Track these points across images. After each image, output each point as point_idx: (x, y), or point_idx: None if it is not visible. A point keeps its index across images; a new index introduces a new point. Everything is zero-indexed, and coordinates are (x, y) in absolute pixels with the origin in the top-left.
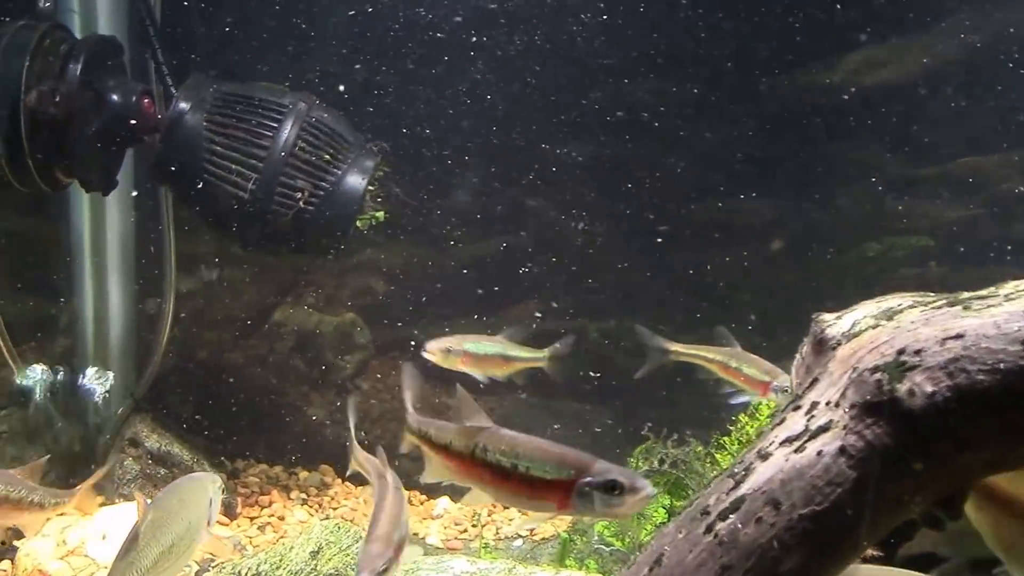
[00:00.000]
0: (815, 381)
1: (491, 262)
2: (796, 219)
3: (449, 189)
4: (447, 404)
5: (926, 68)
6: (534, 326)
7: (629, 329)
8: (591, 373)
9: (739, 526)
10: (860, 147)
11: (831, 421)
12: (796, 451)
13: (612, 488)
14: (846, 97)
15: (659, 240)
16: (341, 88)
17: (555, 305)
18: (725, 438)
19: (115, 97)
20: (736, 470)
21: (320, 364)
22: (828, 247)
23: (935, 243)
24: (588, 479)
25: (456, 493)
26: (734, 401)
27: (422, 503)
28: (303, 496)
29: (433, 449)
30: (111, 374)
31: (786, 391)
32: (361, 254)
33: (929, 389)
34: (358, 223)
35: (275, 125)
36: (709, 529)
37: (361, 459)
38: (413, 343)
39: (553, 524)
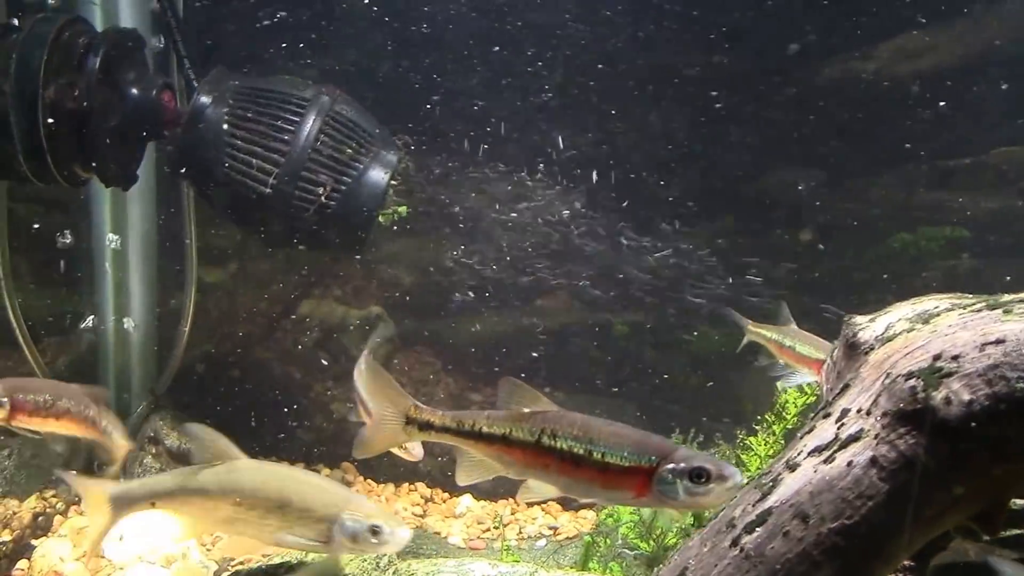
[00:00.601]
0: (846, 387)
1: (519, 255)
2: (827, 209)
3: (477, 181)
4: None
5: (962, 57)
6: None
7: (656, 323)
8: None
9: (766, 540)
10: (893, 136)
11: (862, 430)
12: (825, 461)
13: (698, 476)
14: (880, 85)
15: (688, 232)
16: (368, 80)
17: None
18: (751, 438)
19: (135, 91)
20: (763, 481)
21: (345, 358)
22: (860, 237)
23: (969, 235)
24: (671, 465)
25: (480, 491)
26: (788, 383)
27: (444, 501)
28: None
29: (483, 443)
30: None
31: None
32: (389, 246)
33: (966, 397)
34: (381, 218)
35: (297, 119)
36: (735, 543)
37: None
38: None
39: (577, 524)
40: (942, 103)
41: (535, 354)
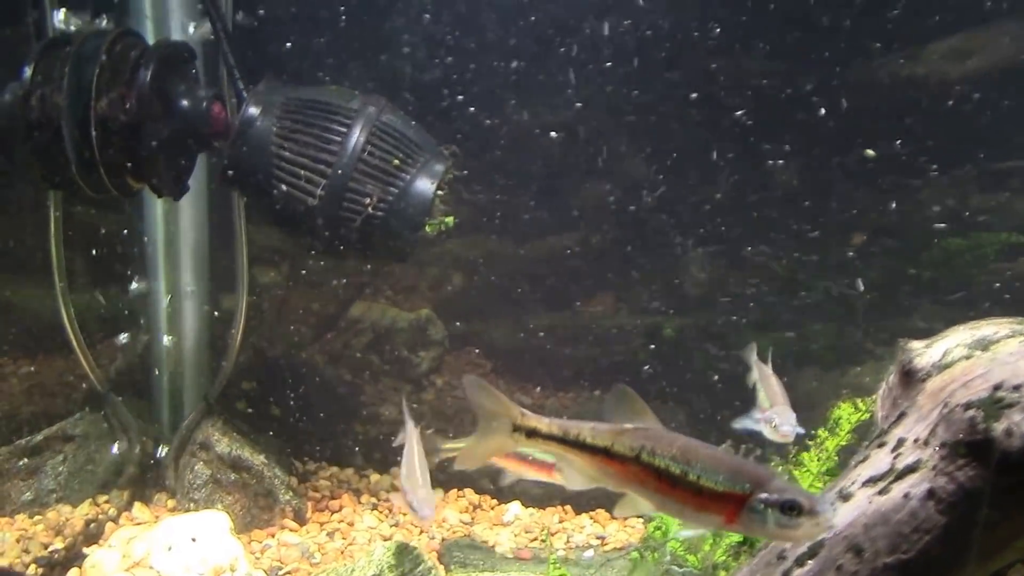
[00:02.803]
0: (902, 415)
1: (569, 256)
2: (878, 214)
3: (527, 182)
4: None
5: (1013, 58)
6: None
7: (705, 326)
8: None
9: (818, 574)
10: (945, 139)
11: (919, 461)
12: (880, 492)
13: (790, 508)
14: (930, 87)
15: (738, 236)
16: (413, 89)
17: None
18: (804, 454)
19: (185, 103)
20: None
21: (395, 360)
22: (912, 242)
23: None
24: (764, 495)
25: (529, 498)
26: (737, 425)
27: (492, 508)
28: (373, 500)
29: (587, 453)
30: None
31: (772, 424)
32: (440, 246)
33: None
34: (427, 228)
35: (344, 130)
36: None
37: None
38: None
39: (625, 533)
40: (988, 106)
41: (584, 356)
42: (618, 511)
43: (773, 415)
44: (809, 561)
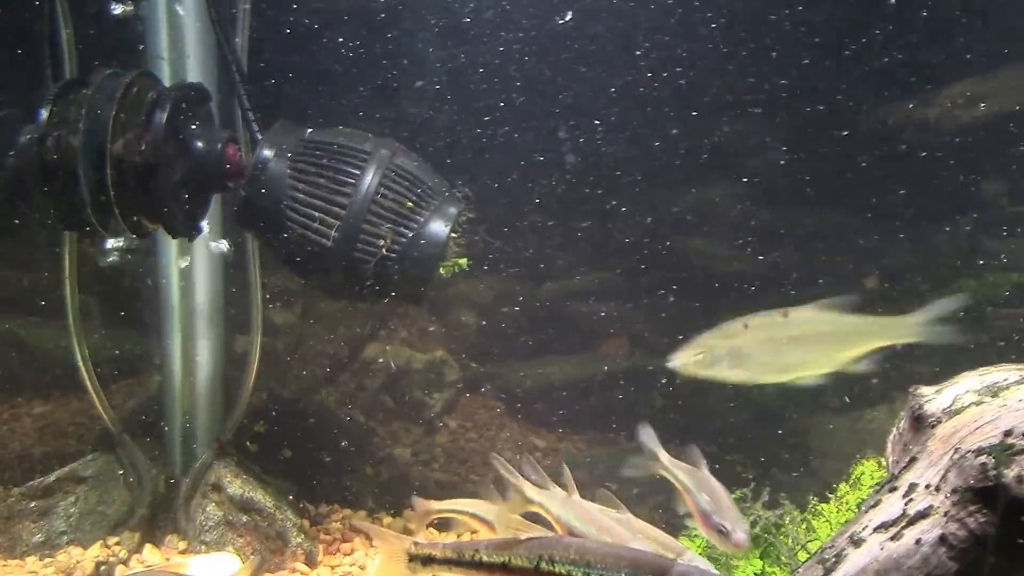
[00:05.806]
0: (913, 460)
1: (585, 297)
2: (890, 257)
3: (540, 224)
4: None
5: None
6: None
7: None
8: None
9: None
10: (957, 183)
11: (931, 507)
12: (892, 538)
13: None
14: (942, 132)
15: (747, 279)
16: (426, 131)
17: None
18: (823, 505)
19: (200, 144)
20: (826, 556)
21: (409, 402)
22: (923, 286)
23: None
24: None
25: None
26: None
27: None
28: None
29: (484, 572)
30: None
31: (724, 531)
32: (454, 287)
33: None
34: (442, 270)
35: (357, 172)
36: None
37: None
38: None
39: None
40: (1000, 150)
41: (599, 398)
42: None
43: (724, 523)
44: None
